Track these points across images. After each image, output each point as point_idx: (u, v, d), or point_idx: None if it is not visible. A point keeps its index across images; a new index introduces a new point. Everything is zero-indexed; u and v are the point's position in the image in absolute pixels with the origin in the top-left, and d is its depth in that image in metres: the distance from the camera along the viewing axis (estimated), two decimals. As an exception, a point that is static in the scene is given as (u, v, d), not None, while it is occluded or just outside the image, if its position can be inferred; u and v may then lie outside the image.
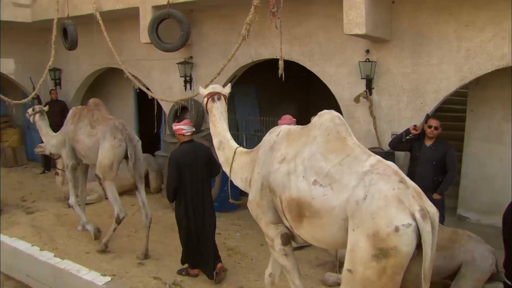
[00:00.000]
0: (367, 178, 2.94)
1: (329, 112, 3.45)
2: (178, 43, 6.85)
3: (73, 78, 10.63)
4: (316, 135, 3.38)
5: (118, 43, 9.05)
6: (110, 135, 5.79)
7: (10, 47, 10.31)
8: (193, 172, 4.99)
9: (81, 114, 6.33)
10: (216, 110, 4.27)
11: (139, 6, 7.33)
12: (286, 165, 3.43)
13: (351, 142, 3.27)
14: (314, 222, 3.19)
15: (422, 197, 2.92)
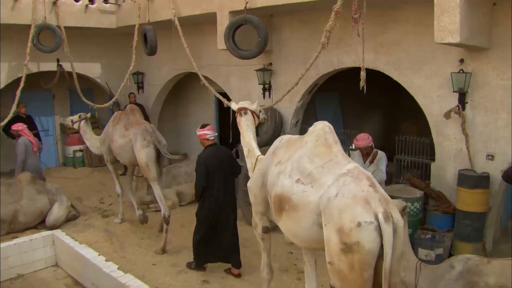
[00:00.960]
0: (342, 179, 3.49)
1: (322, 122, 4.12)
2: (255, 50, 7.12)
3: (155, 82, 11.45)
4: (307, 141, 4.04)
5: (198, 48, 9.64)
6: (140, 137, 6.89)
7: (96, 52, 11.40)
8: (219, 172, 5.73)
9: (120, 117, 7.56)
10: (244, 123, 5.22)
11: (217, 12, 7.73)
12: (279, 167, 4.11)
13: (335, 149, 3.89)
14: (291, 215, 3.79)
15: (388, 203, 3.42)
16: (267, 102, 8.39)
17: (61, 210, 8.14)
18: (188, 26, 9.45)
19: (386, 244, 3.22)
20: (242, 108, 5.30)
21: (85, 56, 11.24)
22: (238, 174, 6.21)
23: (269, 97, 8.43)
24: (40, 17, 9.33)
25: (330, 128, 4.05)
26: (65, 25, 9.76)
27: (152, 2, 9.06)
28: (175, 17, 8.26)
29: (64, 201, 8.25)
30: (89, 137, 8.39)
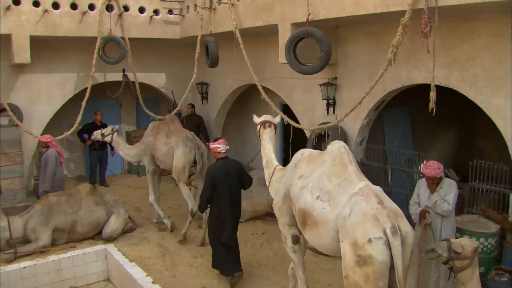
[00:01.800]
0: (354, 198, 4.10)
1: (338, 142, 4.84)
2: (317, 65, 6.96)
3: (219, 93, 11.59)
4: (326, 159, 4.69)
5: (262, 59, 9.65)
6: (182, 143, 8.04)
7: (161, 62, 11.79)
8: (226, 185, 6.32)
9: (158, 127, 8.69)
10: (266, 135, 5.93)
11: (278, 24, 7.66)
12: (302, 181, 4.75)
13: (350, 168, 4.47)
14: (312, 230, 4.43)
15: (397, 217, 4.01)
16: (331, 118, 8.20)
17: (117, 222, 8.43)
18: (252, 37, 9.51)
19: (395, 255, 3.78)
20: (266, 121, 6.01)
21: (150, 66, 11.66)
22: (248, 186, 6.77)
23: (333, 113, 8.22)
24: (106, 29, 9.78)
25: (346, 148, 4.70)
26: (130, 37, 10.18)
27: (215, 13, 9.18)
28: (236, 28, 8.31)
29: (121, 213, 8.54)
30: (122, 148, 9.27)
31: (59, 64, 10.54)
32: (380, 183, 7.86)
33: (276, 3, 7.64)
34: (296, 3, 7.21)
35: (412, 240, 3.98)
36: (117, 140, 9.24)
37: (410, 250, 3.95)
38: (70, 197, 8.28)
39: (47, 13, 9.29)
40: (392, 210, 4.02)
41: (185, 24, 10.58)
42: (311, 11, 6.90)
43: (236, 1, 8.56)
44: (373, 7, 6.06)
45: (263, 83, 9.87)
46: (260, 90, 8.20)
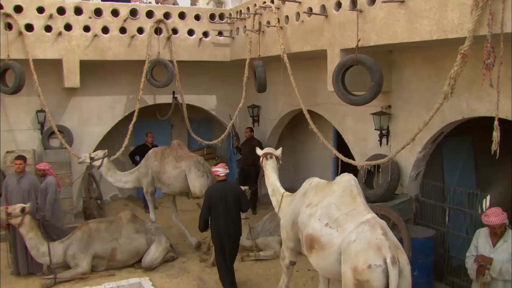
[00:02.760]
0: (361, 227, 4.46)
1: (348, 175, 5.18)
2: (368, 96, 6.45)
3: (271, 116, 11.29)
4: (335, 190, 5.06)
5: (313, 84, 9.27)
6: (194, 167, 8.52)
7: (212, 84, 11.68)
8: (222, 206, 6.72)
9: (163, 153, 8.91)
10: (269, 166, 6.57)
11: (327, 49, 7.26)
12: (310, 209, 5.15)
13: (359, 200, 4.85)
14: (319, 254, 4.82)
15: (397, 249, 4.34)
16: (384, 149, 7.66)
17: (158, 251, 8.25)
18: (303, 60, 9.17)
19: (392, 283, 4.10)
20: (268, 153, 6.68)
21: (201, 88, 11.58)
22: (245, 210, 7.21)
23: (386, 144, 7.67)
24: (154, 52, 9.77)
25: (355, 181, 5.09)
26: (179, 59, 10.12)
27: (264, 36, 8.92)
28: (284, 53, 7.98)
29: (162, 242, 8.36)
30: (113, 173, 9.09)
31: (109, 86, 10.68)
32: (436, 223, 7.24)
33: (325, 27, 7.24)
34: (346, 27, 6.79)
35: (408, 272, 4.30)
36: (107, 165, 9.01)
37: (406, 282, 4.26)
38: (110, 224, 8.21)
39: (97, 37, 9.43)
40: (394, 243, 4.39)
41: (235, 46, 10.40)
42: (361, 37, 6.45)
43: (285, 24, 8.25)
44: (429, 34, 5.53)
45: (314, 108, 9.51)
46: (308, 120, 7.80)
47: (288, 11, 8.17)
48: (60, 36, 9.19)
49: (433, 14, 5.40)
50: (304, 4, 7.69)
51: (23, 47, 8.99)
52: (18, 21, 8.87)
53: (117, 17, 9.62)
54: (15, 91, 8.91)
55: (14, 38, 8.95)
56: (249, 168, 11.15)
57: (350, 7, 6.65)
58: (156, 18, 9.83)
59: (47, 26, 9.16)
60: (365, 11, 6.38)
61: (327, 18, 7.15)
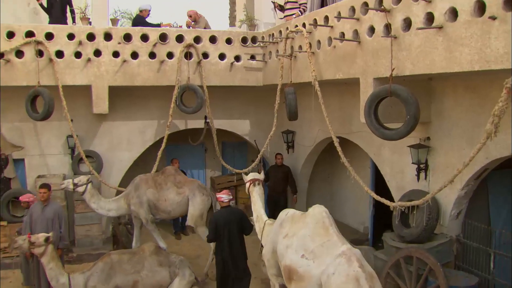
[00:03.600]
0: (338, 259, 4.73)
1: (319, 206, 5.46)
2: (403, 130, 5.91)
3: (305, 143, 10.84)
4: (308, 222, 5.31)
5: (348, 110, 8.86)
6: (199, 192, 8.71)
7: (244, 109, 11.37)
8: (227, 230, 7.04)
9: (156, 180, 8.88)
10: (255, 193, 6.96)
11: (359, 77, 6.78)
12: (286, 240, 5.38)
13: (331, 231, 5.11)
14: (298, 284, 5.03)
15: (373, 279, 4.76)
16: (422, 185, 7.08)
17: (181, 285, 7.86)
18: (338, 85, 8.75)
19: None
20: (255, 179, 7.03)
21: (233, 112, 11.28)
22: (248, 233, 7.29)
23: (424, 179, 7.08)
24: (184, 77, 9.57)
25: (326, 212, 5.38)
26: (209, 84, 9.86)
27: (295, 61, 8.53)
28: (315, 80, 7.56)
29: (186, 276, 7.97)
30: (97, 200, 8.79)
31: (139, 111, 10.57)
32: (480, 268, 6.55)
33: (357, 53, 6.78)
34: (379, 54, 6.30)
35: None
36: (91, 191, 8.70)
37: None
38: (133, 255, 7.92)
39: (126, 63, 9.32)
40: (369, 273, 4.75)
41: (267, 70, 10.05)
42: (396, 65, 5.95)
43: (317, 49, 7.84)
44: (469, 64, 4.98)
45: (349, 136, 9.03)
46: (339, 152, 7.32)
47: (320, 35, 7.76)
48: (89, 62, 9.13)
49: (474, 42, 4.87)
50: (336, 29, 7.27)
51: (53, 73, 8.98)
52: (48, 48, 8.89)
53: (147, 42, 9.47)
54: (44, 117, 8.92)
55: (44, 65, 8.97)
56: (278, 195, 10.74)
57: (383, 33, 6.18)
58: (186, 42, 9.62)
59: (77, 53, 9.13)
60: (399, 38, 5.89)
61: (360, 44, 6.69)
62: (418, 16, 5.62)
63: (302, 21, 8.33)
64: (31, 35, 8.91)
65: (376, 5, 6.33)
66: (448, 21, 5.18)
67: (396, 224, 7.02)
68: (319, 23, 7.75)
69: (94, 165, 10.04)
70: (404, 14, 5.82)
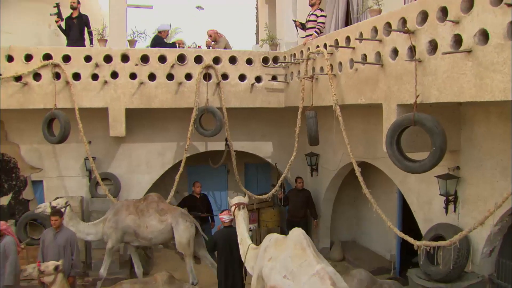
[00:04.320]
0: (312, 278, 5.08)
1: (298, 229, 5.73)
2: (428, 162, 5.38)
3: (329, 166, 10.35)
4: (289, 244, 5.62)
5: (373, 133, 8.46)
6: (182, 219, 8.46)
7: (266, 130, 11.00)
8: (226, 249, 7.43)
9: (137, 206, 8.62)
10: (240, 216, 6.88)
11: (382, 103, 6.31)
12: (271, 263, 5.68)
13: (308, 251, 5.39)
14: None
15: None
16: (451, 218, 6.52)
17: (194, 316, 7.55)
18: (363, 107, 8.22)
19: None
20: (240, 203, 7.00)
21: (255, 134, 10.92)
22: None
23: (454, 212, 6.51)
24: (202, 99, 9.26)
25: (304, 234, 5.60)
26: (229, 106, 9.53)
27: (317, 83, 8.10)
28: (336, 105, 7.12)
29: (200, 307, 7.66)
30: (75, 224, 8.44)
31: (158, 133, 10.32)
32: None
33: (380, 77, 6.31)
34: (403, 79, 5.82)
35: None
36: (70, 214, 8.35)
37: None
38: (145, 285, 7.58)
39: (143, 85, 9.09)
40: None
41: (289, 91, 9.65)
42: (421, 92, 5.46)
43: (338, 72, 7.40)
44: (502, 92, 4.46)
45: (374, 162, 8.53)
46: (361, 183, 6.88)
47: (341, 57, 7.33)
48: (106, 84, 8.95)
49: (507, 68, 4.36)
50: (358, 50, 6.83)
51: (70, 96, 8.83)
52: (65, 71, 8.75)
53: (164, 63, 9.23)
54: (60, 141, 8.77)
55: (61, 87, 8.85)
56: (298, 220, 10.23)
57: (407, 56, 5.70)
58: (205, 63, 9.33)
59: (93, 75, 8.98)
60: (424, 61, 5.41)
61: (383, 67, 6.22)
62: (444, 38, 5.14)
63: (323, 41, 7.92)
64: (49, 57, 8.81)
65: (399, 26, 5.89)
66: (478, 44, 4.68)
67: (423, 261, 6.47)
68: (341, 43, 7.33)
69: (112, 187, 9.82)
70: (430, 36, 5.35)
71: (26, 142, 9.77)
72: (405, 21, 5.79)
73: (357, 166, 7.06)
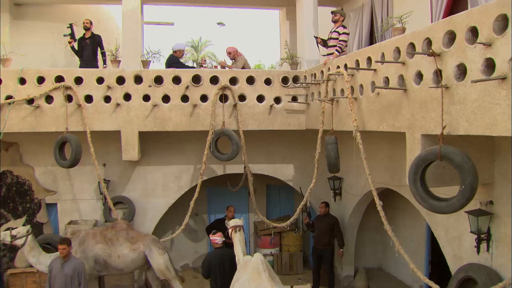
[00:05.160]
0: None
1: (257, 255, 6.56)
2: (456, 202, 4.73)
3: (353, 192, 9.73)
4: (249, 268, 6.38)
5: (399, 160, 7.76)
6: (154, 246, 8.25)
7: (287, 152, 10.51)
8: (219, 269, 7.62)
9: (105, 234, 8.21)
10: (237, 238, 7.39)
11: (406, 133, 5.70)
12: (237, 285, 6.38)
13: (263, 276, 6.06)
14: None
15: None
16: (484, 258, 5.84)
17: None
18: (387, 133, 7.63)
19: None
20: (237, 226, 7.50)
21: (276, 156, 10.42)
22: None
23: (486, 251, 5.82)
24: (219, 121, 8.82)
25: (262, 260, 6.34)
26: (246, 129, 9.03)
27: (337, 106, 7.55)
28: (357, 131, 6.55)
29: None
30: (36, 254, 7.95)
31: (175, 155, 9.94)
32: None
33: (403, 103, 5.71)
34: (428, 107, 5.21)
35: None
36: (31, 244, 7.85)
37: None
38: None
39: (157, 107, 8.71)
40: None
41: (310, 113, 9.10)
42: (448, 122, 4.84)
43: (359, 95, 6.83)
44: (543, 127, 3.85)
45: (400, 190, 7.92)
46: (383, 218, 6.28)
47: (362, 79, 6.76)
48: (119, 106, 8.62)
49: (548, 99, 3.75)
50: (379, 73, 6.24)
51: (82, 119, 8.54)
52: (77, 93, 8.47)
53: (179, 84, 8.83)
54: (72, 165, 8.48)
55: (73, 110, 8.57)
56: (323, 248, 9.62)
57: (433, 81, 5.10)
58: (221, 84, 8.89)
59: (106, 97, 8.67)
60: (452, 88, 4.78)
61: (406, 92, 5.63)
62: (474, 62, 4.51)
63: (344, 61, 7.37)
64: (61, 79, 8.54)
65: (423, 47, 5.29)
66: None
67: (452, 306, 5.82)
68: (362, 64, 6.76)
69: (126, 211, 9.48)
70: (458, 59, 4.72)
71: (41, 164, 9.55)
72: (430, 42, 5.19)
73: (379, 200, 6.41)
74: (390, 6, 9.02)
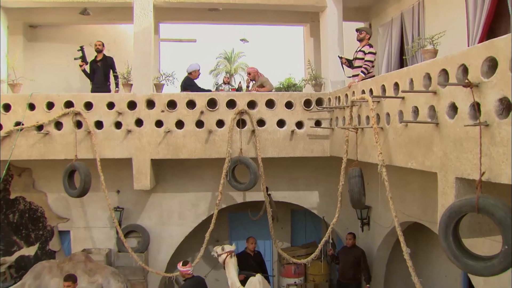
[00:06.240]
0: None
1: (256, 278, 7.54)
2: (497, 264, 3.71)
3: (382, 223, 8.90)
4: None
5: (430, 193, 6.83)
6: (113, 279, 7.93)
7: (312, 179, 9.83)
8: None
9: (62, 268, 7.87)
10: (231, 264, 7.97)
11: (437, 173, 4.90)
12: None
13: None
14: None
15: None
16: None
17: None
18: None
19: None
20: (231, 251, 8.02)
21: (299, 183, 9.71)
22: None
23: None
24: (236, 148, 8.18)
25: (259, 281, 7.43)
26: (265, 156, 8.35)
27: (363, 134, 6.79)
28: (382, 166, 5.78)
29: None
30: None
31: (191, 182, 9.36)
32: None
33: (435, 139, 4.91)
34: (464, 146, 4.40)
35: None
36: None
37: None
38: None
39: (170, 133, 8.14)
40: None
41: (334, 139, 8.34)
42: (488, 166, 4.02)
43: (386, 124, 6.05)
44: None
45: (432, 226, 7.08)
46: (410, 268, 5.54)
47: (389, 107, 5.99)
48: (130, 133, 8.10)
49: None
50: (408, 101, 5.47)
51: (92, 146, 8.07)
52: (87, 119, 8.00)
53: (193, 109, 8.25)
54: (80, 194, 8.04)
55: (83, 137, 8.10)
56: (348, 282, 8.84)
57: (469, 115, 4.30)
58: (238, 108, 8.24)
59: (116, 123, 8.16)
60: (492, 126, 3.97)
61: (438, 127, 4.84)
62: (521, 96, 3.73)
63: (369, 85, 6.63)
64: (70, 105, 8.11)
65: (458, 75, 4.49)
66: None
67: None
68: (388, 90, 6.00)
69: (140, 241, 8.95)
70: (500, 92, 3.90)
71: (53, 190, 9.13)
72: (466, 69, 4.41)
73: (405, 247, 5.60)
74: (422, 21, 8.21)
